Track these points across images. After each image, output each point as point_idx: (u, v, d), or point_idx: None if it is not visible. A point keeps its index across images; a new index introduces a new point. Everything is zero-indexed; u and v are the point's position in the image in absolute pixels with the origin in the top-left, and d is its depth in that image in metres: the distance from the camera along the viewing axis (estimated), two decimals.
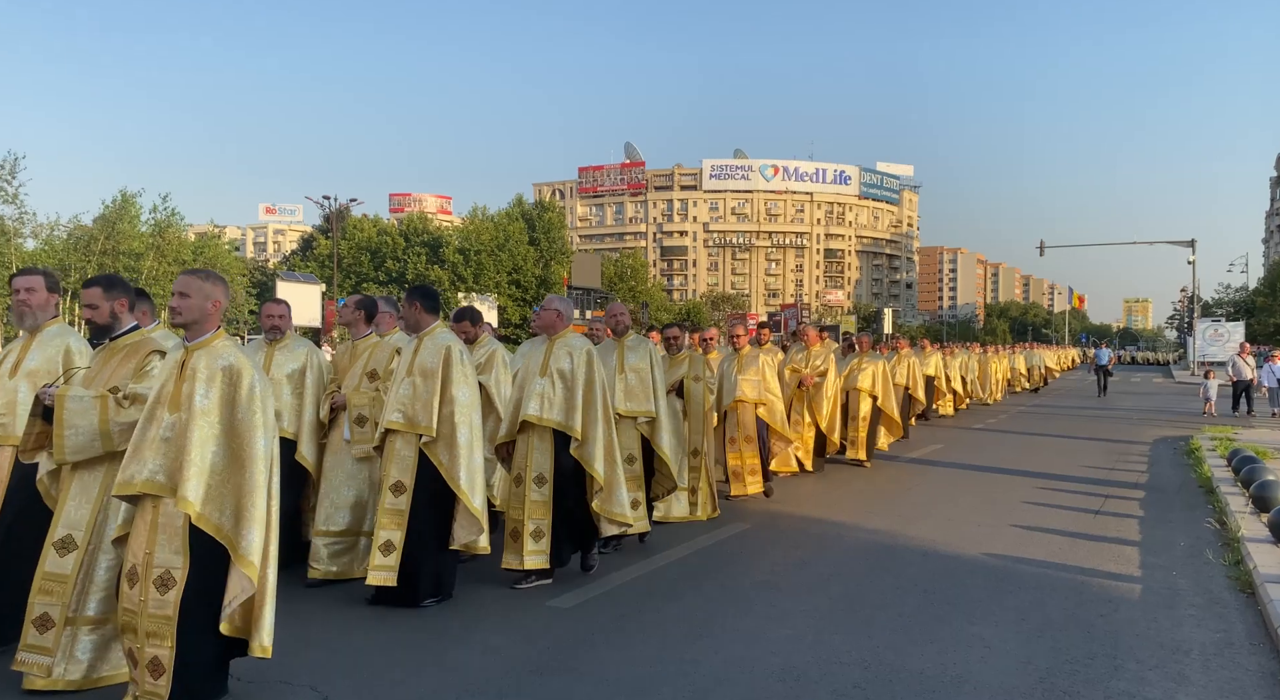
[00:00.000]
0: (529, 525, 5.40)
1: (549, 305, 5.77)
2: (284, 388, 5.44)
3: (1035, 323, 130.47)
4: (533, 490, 5.43)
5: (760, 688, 3.95)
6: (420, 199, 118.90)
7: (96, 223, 42.47)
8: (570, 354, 5.52)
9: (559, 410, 5.43)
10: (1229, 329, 49.70)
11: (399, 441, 4.95)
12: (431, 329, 5.12)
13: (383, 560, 4.86)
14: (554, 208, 73.25)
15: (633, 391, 6.45)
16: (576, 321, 7.38)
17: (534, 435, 5.48)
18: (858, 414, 11.02)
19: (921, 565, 6.17)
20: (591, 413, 5.46)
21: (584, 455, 5.45)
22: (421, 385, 4.92)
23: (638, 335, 6.58)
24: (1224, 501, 8.10)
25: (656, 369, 6.58)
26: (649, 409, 6.43)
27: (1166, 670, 4.22)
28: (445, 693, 3.88)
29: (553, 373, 5.46)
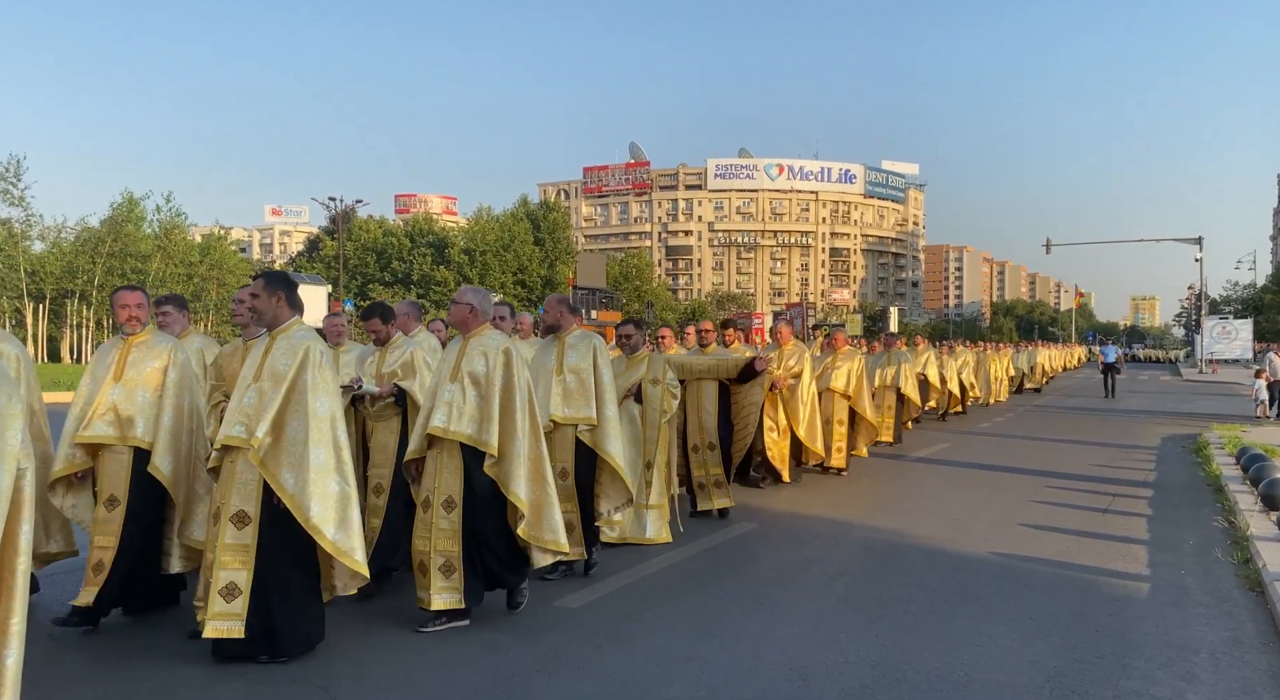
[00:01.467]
0: (435, 558, 4.58)
1: (461, 298, 4.91)
2: (139, 390, 4.65)
3: (1042, 321, 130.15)
4: (440, 516, 4.62)
5: (768, 687, 3.95)
6: (426, 200, 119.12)
7: (104, 225, 42.63)
8: (485, 355, 4.74)
9: (470, 421, 4.64)
10: (1236, 326, 49.61)
11: (240, 461, 4.10)
12: (289, 325, 4.32)
13: (225, 607, 4.01)
14: (559, 208, 73.32)
15: (571, 395, 5.61)
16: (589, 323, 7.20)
17: (443, 451, 4.67)
18: (832, 417, 10.08)
19: (929, 564, 6.16)
20: (511, 423, 4.66)
21: (502, 474, 4.65)
22: (269, 392, 4.13)
23: (582, 332, 5.86)
24: (1232, 500, 8.07)
25: (602, 370, 5.68)
26: (588, 415, 5.57)
27: (1175, 669, 4.21)
28: (452, 692, 3.89)
29: (464, 377, 4.68)
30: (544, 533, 4.74)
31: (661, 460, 6.72)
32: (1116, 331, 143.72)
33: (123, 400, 4.62)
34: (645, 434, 6.61)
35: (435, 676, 4.05)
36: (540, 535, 4.74)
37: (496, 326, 5.35)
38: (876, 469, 10.83)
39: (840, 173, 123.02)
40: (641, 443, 6.54)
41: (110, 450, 4.60)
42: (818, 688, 3.95)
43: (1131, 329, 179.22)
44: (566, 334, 5.79)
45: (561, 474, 5.51)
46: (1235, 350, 48.26)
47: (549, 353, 5.75)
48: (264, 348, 4.28)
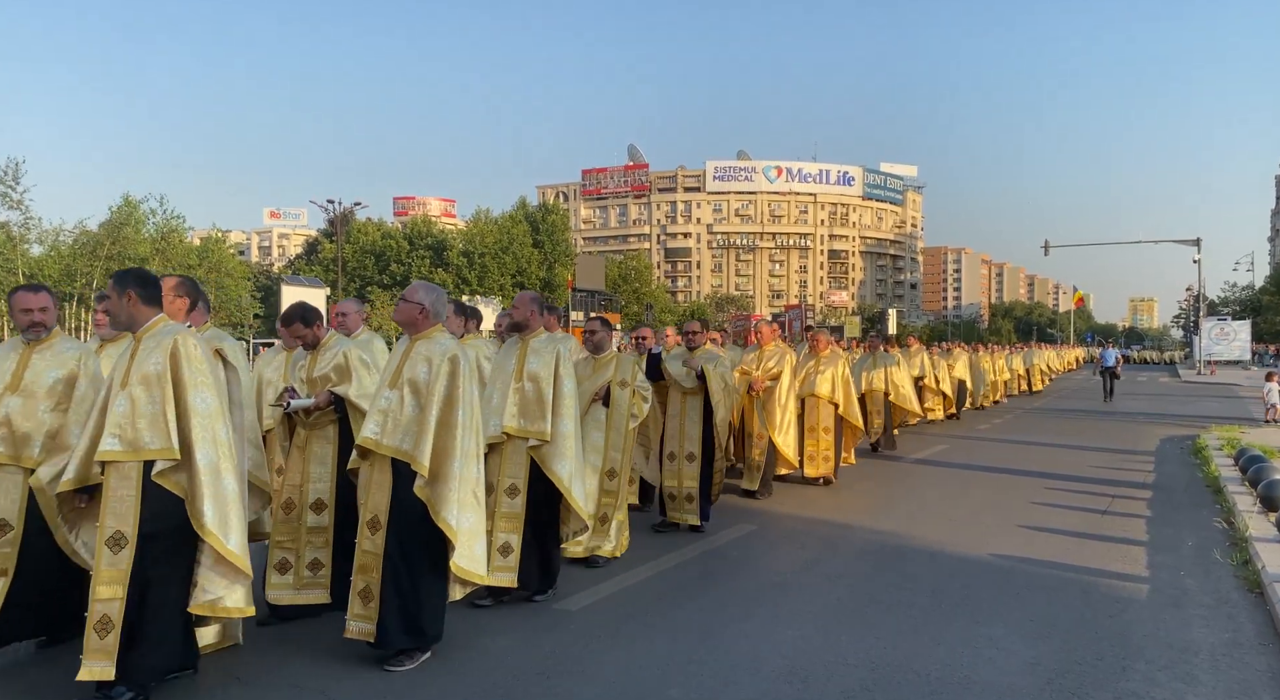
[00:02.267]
0: (358, 582, 4.17)
1: (411, 296, 4.43)
2: (40, 403, 4.19)
3: (1040, 322, 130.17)
4: (365, 538, 4.18)
5: (767, 689, 3.95)
6: (424, 202, 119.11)
7: (102, 228, 42.63)
8: (429, 360, 4.24)
9: (402, 434, 4.15)
10: (1235, 328, 49.66)
11: (114, 476, 3.69)
12: (152, 324, 3.89)
13: (98, 643, 3.58)
14: (558, 210, 73.31)
15: (528, 405, 5.11)
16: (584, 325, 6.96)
17: (374, 465, 4.23)
18: (817, 425, 9.51)
19: (929, 566, 6.16)
20: (449, 440, 4.14)
21: (433, 498, 4.10)
22: (144, 397, 3.71)
23: (549, 336, 5.39)
24: (1231, 501, 8.07)
25: (564, 379, 5.19)
26: (541, 429, 5.04)
27: (1175, 671, 4.21)
28: (451, 696, 3.88)
29: (404, 384, 4.23)
30: (469, 563, 4.23)
31: (628, 468, 6.33)
32: (1115, 333, 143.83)
33: (18, 414, 4.14)
34: (609, 439, 6.15)
35: (435, 681, 4.05)
36: (466, 567, 4.22)
37: None
38: (876, 471, 10.83)
39: (838, 175, 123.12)
40: (605, 449, 6.08)
41: (2, 470, 4.12)
42: (817, 689, 3.94)
43: (1130, 330, 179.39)
44: (532, 336, 5.30)
45: (510, 491, 5.08)
46: (1234, 351, 48.32)
47: (510, 355, 5.27)
48: (130, 351, 3.84)
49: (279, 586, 4.79)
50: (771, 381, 8.59)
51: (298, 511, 4.85)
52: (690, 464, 7.16)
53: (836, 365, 9.75)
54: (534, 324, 5.32)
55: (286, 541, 4.83)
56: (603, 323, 6.50)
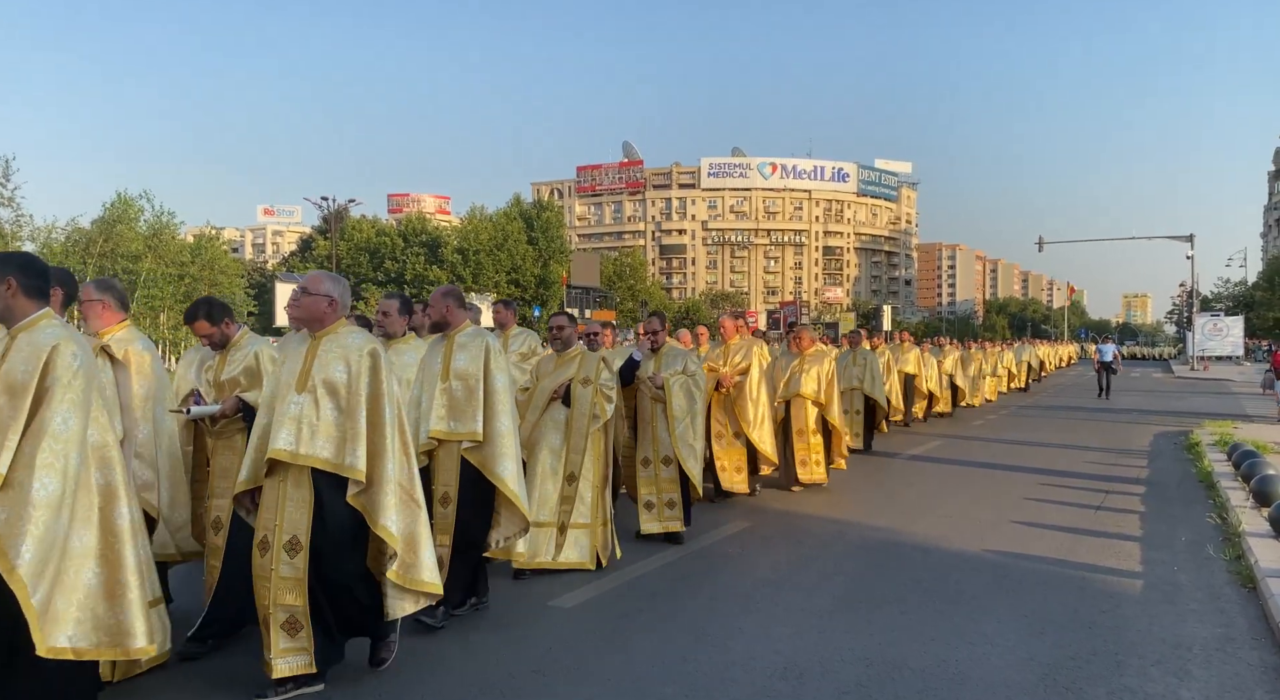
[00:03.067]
0: (278, 613, 3.73)
1: (315, 287, 3.98)
2: None
3: (1034, 318, 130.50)
4: (283, 562, 3.75)
5: (763, 686, 3.95)
6: (419, 199, 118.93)
7: (95, 225, 42.47)
8: (346, 359, 3.87)
9: (327, 441, 3.78)
10: (1228, 323, 49.77)
11: None
12: (33, 320, 3.30)
13: None
14: (552, 207, 73.23)
15: (457, 406, 4.75)
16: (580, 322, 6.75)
17: (286, 479, 3.79)
18: (805, 427, 9.02)
19: (923, 562, 6.17)
20: (380, 441, 3.81)
21: (370, 504, 3.80)
22: (6, 407, 3.12)
23: (475, 330, 5.00)
24: (1224, 496, 8.10)
25: (495, 375, 4.78)
26: (473, 430, 4.68)
27: (1169, 666, 4.22)
28: (445, 693, 3.88)
29: (316, 386, 3.82)
30: (421, 572, 3.91)
31: (596, 472, 5.84)
32: (1109, 329, 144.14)
33: None
34: (569, 441, 5.78)
35: (431, 680, 4.04)
36: (417, 577, 3.91)
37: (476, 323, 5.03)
38: (870, 468, 10.85)
39: (833, 171, 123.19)
40: (564, 452, 5.75)
41: None
42: (812, 686, 3.95)
43: (1124, 326, 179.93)
44: (456, 332, 4.90)
45: (443, 500, 4.73)
46: (1227, 347, 48.46)
47: (435, 354, 4.92)
48: (1, 350, 3.25)
49: None
50: (740, 376, 8.17)
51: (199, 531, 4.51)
52: (667, 468, 6.72)
53: (822, 363, 9.28)
54: (454, 320, 4.94)
55: None
56: (569, 319, 6.10)
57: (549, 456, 5.73)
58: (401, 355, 5.33)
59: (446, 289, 5.06)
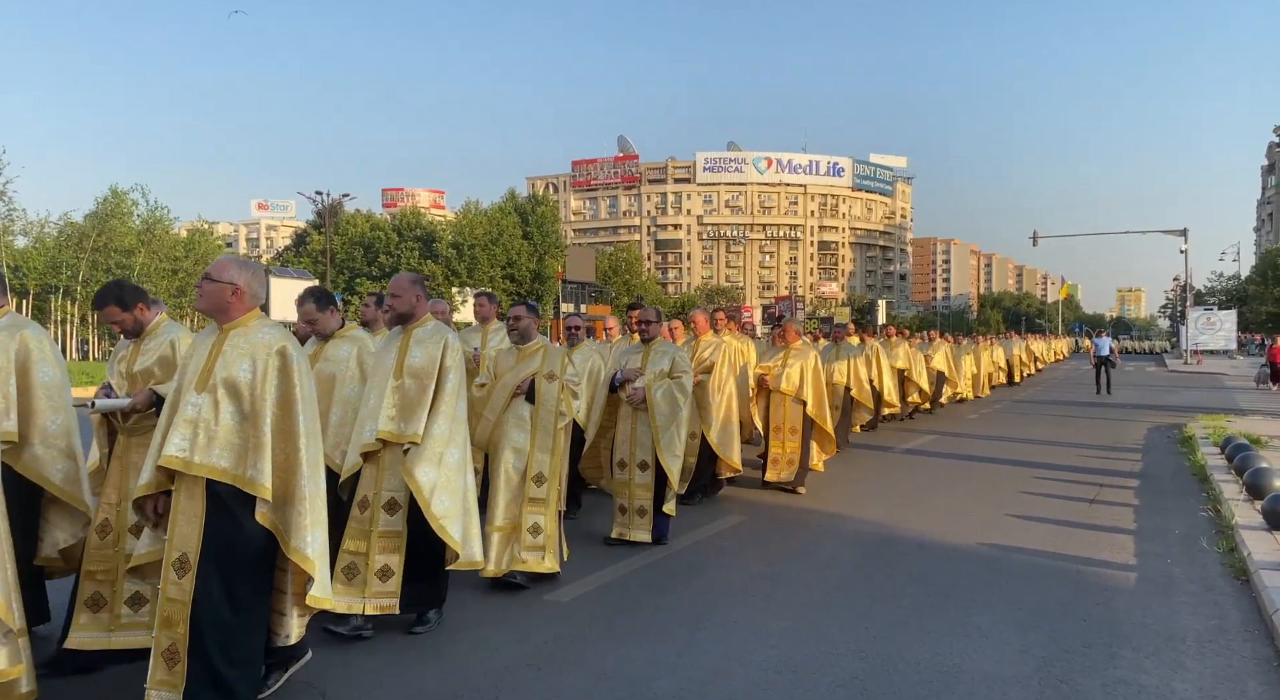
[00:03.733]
0: (161, 639, 3.35)
1: (219, 272, 3.56)
2: None
3: (1029, 313, 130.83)
4: (170, 582, 3.36)
5: (758, 680, 3.96)
6: (413, 194, 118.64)
7: (88, 220, 42.26)
8: (252, 356, 3.45)
9: (226, 449, 3.37)
10: (1221, 317, 49.94)
11: None
12: None
13: None
14: (547, 202, 73.03)
15: (407, 406, 4.39)
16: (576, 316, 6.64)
17: (180, 490, 3.40)
18: (783, 424, 8.65)
19: (918, 555, 6.19)
20: (292, 452, 3.43)
21: (283, 524, 3.41)
22: None
23: (436, 324, 4.64)
24: (1218, 489, 8.13)
25: (449, 374, 4.46)
26: (414, 432, 4.35)
27: (1162, 658, 4.24)
28: (442, 689, 3.88)
29: (217, 385, 3.41)
30: (320, 590, 3.56)
31: (560, 472, 5.50)
32: (1103, 323, 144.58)
33: None
34: (535, 439, 5.41)
35: (426, 673, 4.04)
36: (320, 594, 3.55)
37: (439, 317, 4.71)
38: (864, 462, 10.87)
39: (828, 166, 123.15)
40: (530, 451, 5.39)
41: None
42: (808, 680, 3.96)
43: (1117, 320, 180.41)
44: (416, 326, 4.56)
45: (389, 506, 4.40)
46: (1219, 341, 48.63)
47: (390, 349, 4.56)
48: None
49: (87, 627, 3.90)
50: (705, 374, 7.79)
51: (114, 536, 3.99)
52: (643, 473, 6.36)
53: (807, 359, 8.81)
54: (420, 312, 4.60)
55: (100, 573, 3.95)
56: (529, 309, 5.74)
57: (513, 456, 5.34)
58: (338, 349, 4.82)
59: (413, 276, 4.73)
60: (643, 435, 6.41)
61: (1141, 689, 3.87)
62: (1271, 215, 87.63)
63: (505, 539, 5.27)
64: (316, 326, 4.81)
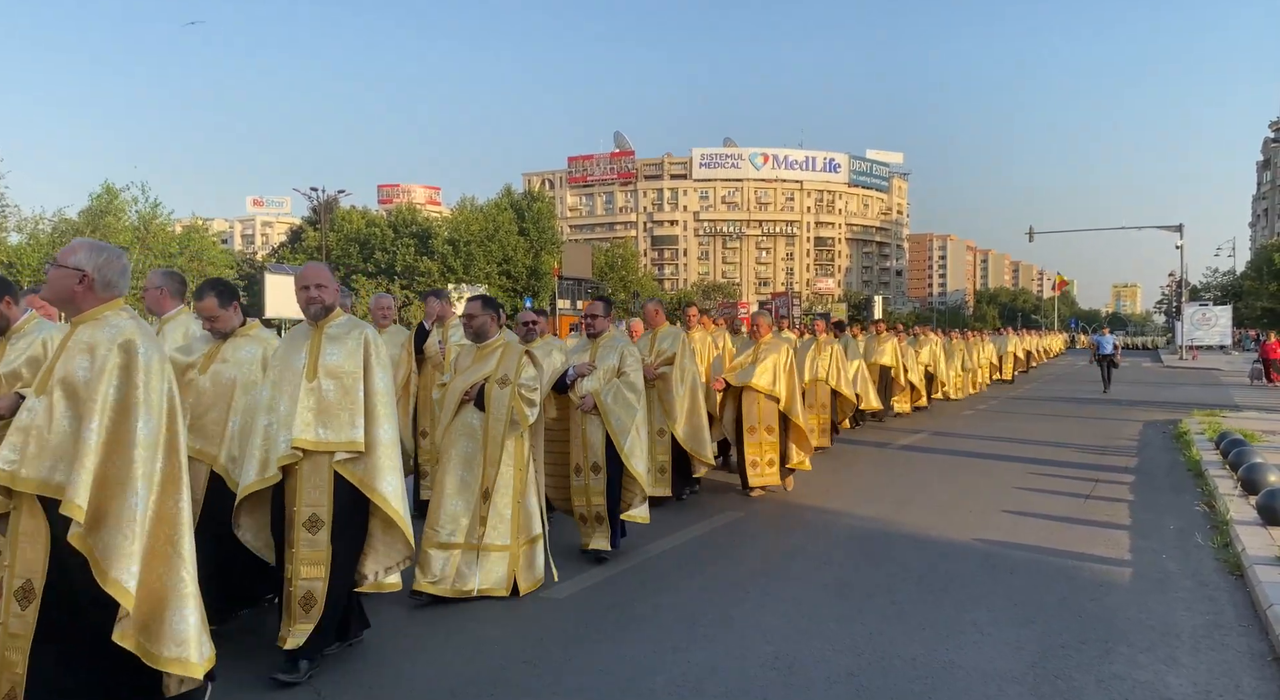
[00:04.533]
0: (2, 681, 2.97)
1: (64, 257, 3.14)
2: None
3: (1025, 309, 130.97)
4: (13, 614, 2.97)
5: (753, 676, 3.96)
6: (409, 190, 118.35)
7: (82, 216, 42.15)
8: (92, 352, 3.02)
9: (53, 460, 2.95)
10: (1217, 313, 50.09)
11: None
12: None
13: None
14: (543, 198, 72.96)
15: (328, 410, 3.96)
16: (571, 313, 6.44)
17: (20, 507, 3.02)
18: (758, 423, 8.12)
19: (913, 552, 6.19)
20: (124, 465, 2.94)
21: (99, 549, 2.89)
22: None
23: (349, 317, 4.22)
24: (1213, 484, 8.15)
25: (376, 373, 4.04)
26: (352, 438, 3.95)
27: (1157, 653, 4.25)
28: (438, 686, 3.87)
29: (54, 387, 3.02)
30: (163, 646, 2.99)
31: (516, 485, 5.05)
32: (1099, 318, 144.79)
33: None
34: (485, 452, 4.99)
35: (422, 672, 4.04)
36: (158, 651, 2.99)
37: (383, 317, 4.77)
38: (860, 457, 10.87)
39: (825, 162, 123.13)
40: (480, 465, 4.98)
41: None
42: (803, 676, 3.96)
43: (1113, 316, 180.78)
44: (327, 322, 4.12)
45: (311, 524, 3.93)
46: (1215, 336, 48.74)
47: (298, 349, 4.08)
48: None
49: None
50: (666, 366, 7.46)
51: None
52: (596, 476, 5.93)
53: (779, 352, 8.26)
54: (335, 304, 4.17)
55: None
56: (484, 303, 5.23)
57: (461, 468, 4.96)
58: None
59: (317, 266, 4.25)
60: (593, 436, 5.93)
61: (1136, 684, 3.88)
62: (1267, 211, 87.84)
63: (450, 557, 4.88)
64: (217, 324, 4.34)
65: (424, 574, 4.85)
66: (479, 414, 5.03)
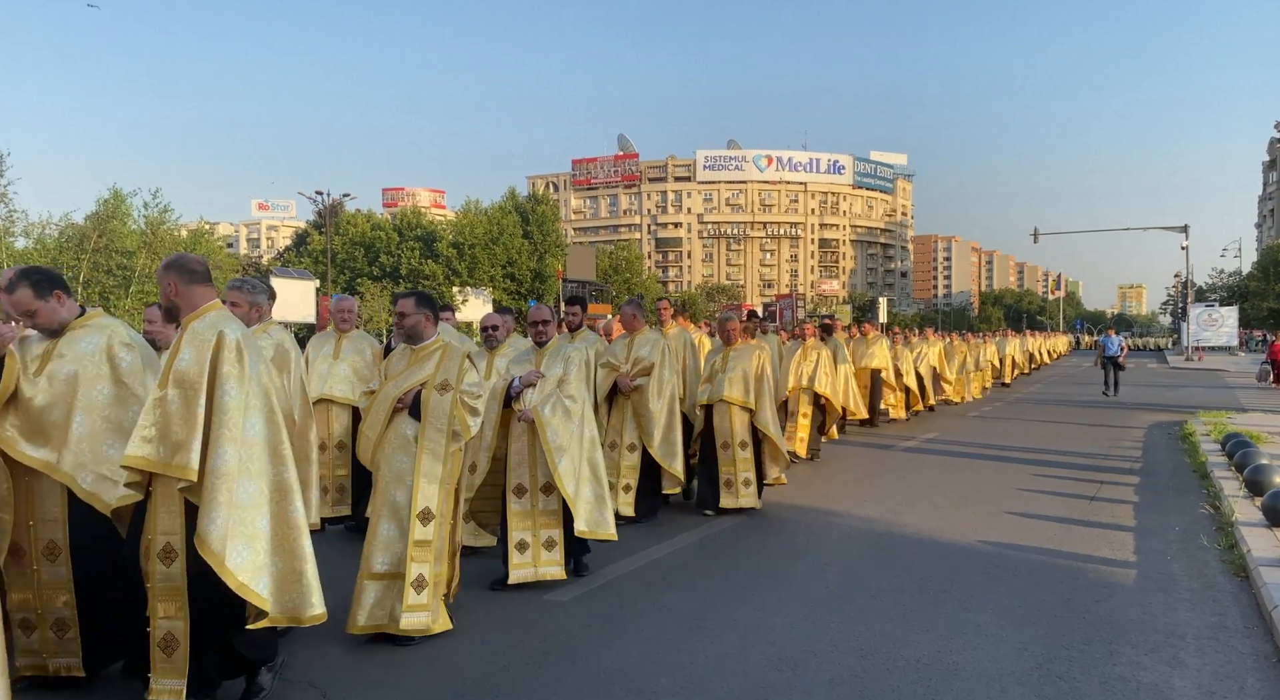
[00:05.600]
0: None
1: None
2: None
3: (1030, 310, 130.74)
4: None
5: (756, 677, 3.96)
6: (413, 193, 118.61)
7: (89, 220, 42.33)
8: None
9: None
10: (1223, 314, 49.90)
11: None
12: None
13: None
14: (547, 200, 73.07)
15: (169, 425, 3.39)
16: None
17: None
18: (731, 440, 7.34)
19: (917, 553, 6.19)
20: None
21: None
22: None
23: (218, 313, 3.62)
24: (1218, 486, 8.13)
25: (225, 381, 3.41)
26: (182, 463, 3.32)
27: (1161, 654, 4.24)
28: (442, 687, 3.88)
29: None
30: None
31: (450, 506, 4.50)
32: (1104, 320, 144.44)
33: None
34: (420, 465, 4.40)
35: (426, 673, 4.05)
36: None
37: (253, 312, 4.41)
38: (864, 459, 10.87)
39: (829, 163, 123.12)
40: (414, 482, 4.38)
41: None
42: (806, 677, 3.96)
43: (1119, 317, 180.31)
44: (193, 318, 3.54)
45: (165, 554, 3.40)
46: (1221, 337, 48.58)
47: None
48: None
49: None
50: (644, 378, 6.89)
51: None
52: (547, 497, 5.32)
53: (750, 360, 7.49)
54: (185, 303, 3.55)
55: None
56: (418, 300, 4.64)
57: (394, 487, 4.41)
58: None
59: (169, 261, 3.63)
60: (543, 454, 5.26)
61: (1140, 686, 3.87)
62: (1273, 211, 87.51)
63: (385, 588, 4.36)
64: (38, 320, 3.71)
65: (358, 607, 4.34)
66: (415, 424, 4.47)
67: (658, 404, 7.00)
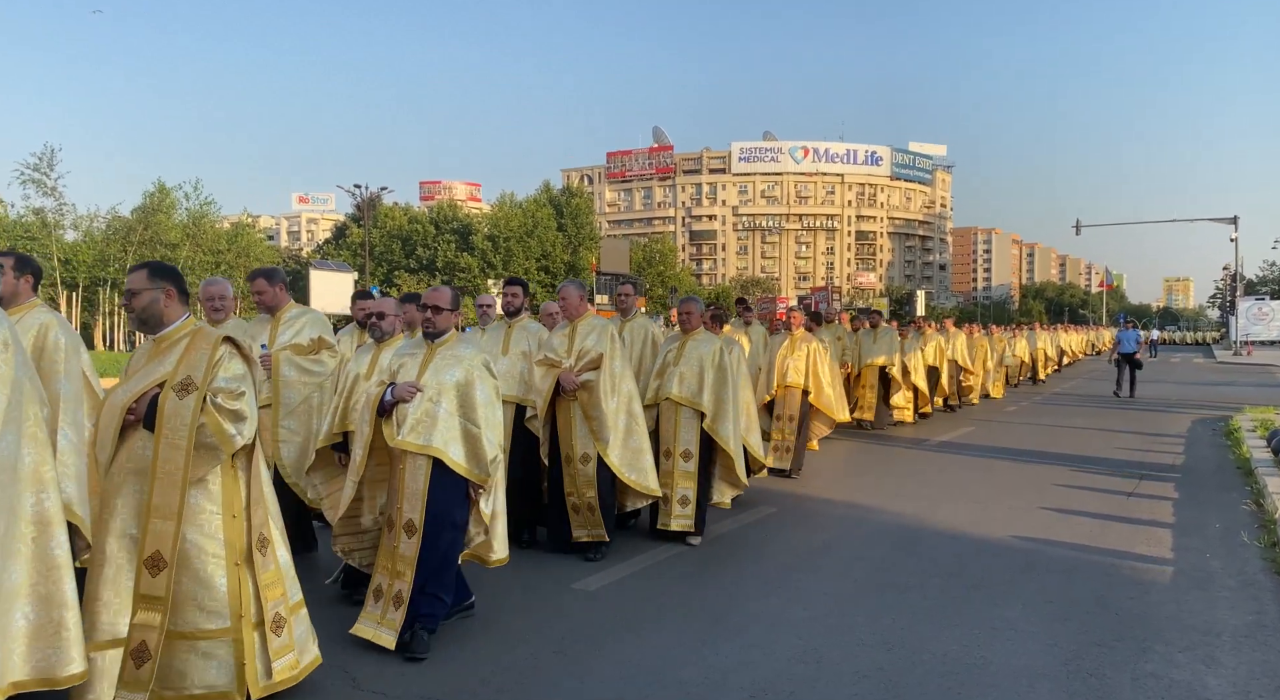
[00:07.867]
0: None
1: None
2: None
3: (1072, 303, 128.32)
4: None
5: (781, 670, 3.96)
6: (450, 187, 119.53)
7: (134, 213, 43.32)
8: None
9: None
10: (1274, 307, 48.56)
11: None
12: None
13: None
14: (582, 193, 73.31)
15: None
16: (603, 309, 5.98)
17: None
18: (673, 448, 6.20)
19: (947, 547, 6.13)
20: None
21: None
22: None
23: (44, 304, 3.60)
24: (1262, 483, 7.94)
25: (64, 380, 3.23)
26: None
27: (1196, 652, 4.17)
28: (468, 675, 3.94)
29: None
30: None
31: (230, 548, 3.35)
32: (1149, 313, 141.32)
33: None
34: (154, 501, 3.23)
35: (453, 660, 4.11)
36: None
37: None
38: (894, 455, 10.78)
39: (866, 155, 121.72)
40: (142, 523, 3.26)
41: None
42: (831, 670, 3.95)
43: (1165, 310, 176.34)
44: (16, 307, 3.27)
45: None
46: (1272, 332, 47.30)
47: None
48: None
49: None
50: (592, 372, 5.63)
51: None
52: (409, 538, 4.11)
53: (705, 352, 6.26)
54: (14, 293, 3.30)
55: None
56: (152, 272, 3.46)
57: (118, 522, 3.26)
58: None
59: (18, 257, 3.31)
60: (413, 482, 4.14)
61: (1173, 683, 3.81)
62: None
63: (111, 660, 3.16)
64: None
65: None
66: (149, 439, 3.29)
67: (612, 403, 5.63)
